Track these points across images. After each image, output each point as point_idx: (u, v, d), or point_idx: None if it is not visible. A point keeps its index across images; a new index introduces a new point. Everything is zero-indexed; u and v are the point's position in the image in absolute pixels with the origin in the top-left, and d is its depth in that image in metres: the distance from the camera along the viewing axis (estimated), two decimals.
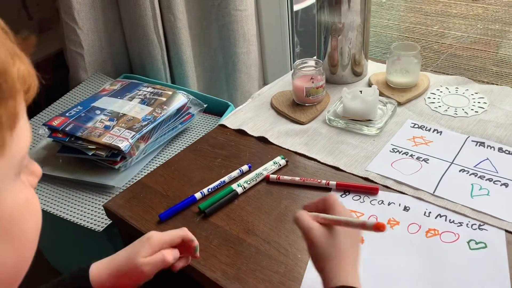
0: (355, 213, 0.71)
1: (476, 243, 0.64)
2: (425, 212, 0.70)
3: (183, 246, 0.59)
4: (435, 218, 0.69)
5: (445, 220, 0.68)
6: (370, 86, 0.98)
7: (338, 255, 0.50)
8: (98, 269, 0.56)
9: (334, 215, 0.53)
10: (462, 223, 0.67)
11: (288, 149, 0.87)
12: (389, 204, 0.72)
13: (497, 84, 0.99)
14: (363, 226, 0.50)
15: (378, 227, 0.48)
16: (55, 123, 1.00)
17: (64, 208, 0.94)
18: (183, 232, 0.59)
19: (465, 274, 0.60)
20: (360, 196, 0.74)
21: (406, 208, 0.71)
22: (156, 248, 0.56)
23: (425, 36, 2.80)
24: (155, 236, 0.57)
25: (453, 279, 0.59)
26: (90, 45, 1.28)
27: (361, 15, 0.98)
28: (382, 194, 0.74)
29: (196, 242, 0.60)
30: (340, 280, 0.48)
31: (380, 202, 0.73)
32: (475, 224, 0.67)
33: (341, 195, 0.75)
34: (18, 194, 0.31)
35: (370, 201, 0.73)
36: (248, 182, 0.78)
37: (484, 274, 0.60)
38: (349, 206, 0.72)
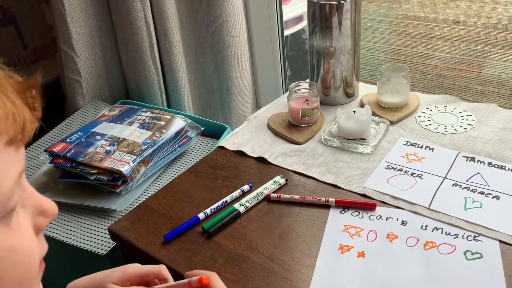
0: (355, 228, 0.74)
1: (472, 254, 0.67)
2: (422, 226, 0.72)
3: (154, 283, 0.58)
4: (432, 231, 0.71)
5: (442, 233, 0.71)
6: (363, 107, 1.02)
7: None
8: (76, 285, 0.55)
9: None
10: (458, 235, 0.70)
11: (286, 169, 0.90)
12: (387, 219, 0.75)
13: (482, 102, 1.04)
14: (189, 284, 0.52)
15: (203, 280, 0.52)
16: (57, 149, 1.02)
17: (66, 233, 0.94)
18: (159, 269, 0.57)
19: (463, 284, 0.62)
20: (359, 212, 0.77)
21: (403, 223, 0.73)
22: (128, 276, 0.55)
23: (411, 58, 2.89)
24: (131, 266, 0.56)
25: None
26: (88, 72, 1.31)
27: (351, 39, 1.03)
28: (380, 210, 0.76)
29: (171, 281, 0.58)
30: None
31: (378, 217, 0.75)
32: (470, 235, 0.70)
33: (340, 212, 0.77)
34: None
35: (369, 217, 0.75)
36: (250, 201, 0.80)
37: (481, 283, 0.62)
38: (349, 222, 0.75)
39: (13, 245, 0.30)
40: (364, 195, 0.80)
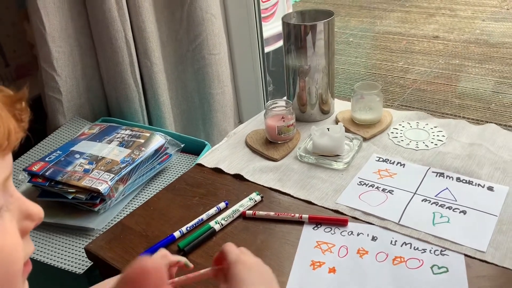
0: (327, 244, 0.75)
1: (439, 268, 0.69)
2: (391, 241, 0.74)
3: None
4: (401, 246, 0.73)
5: (410, 248, 0.73)
6: (337, 124, 1.05)
7: None
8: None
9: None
10: (426, 249, 0.72)
11: (262, 185, 0.91)
12: (358, 234, 0.77)
13: (460, 116, 1.07)
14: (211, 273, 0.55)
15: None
16: (35, 168, 1.02)
17: (44, 253, 0.95)
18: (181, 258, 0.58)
19: None
20: (331, 228, 0.79)
21: (374, 238, 0.76)
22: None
23: (391, 72, 2.95)
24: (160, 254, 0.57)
25: None
26: (68, 91, 1.32)
27: (325, 58, 1.06)
28: (351, 225, 0.78)
29: (183, 259, 0.60)
30: None
31: (349, 233, 0.77)
32: (437, 250, 0.72)
33: (313, 228, 0.79)
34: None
35: (341, 233, 0.77)
36: (225, 219, 0.81)
37: None
38: (321, 238, 0.77)
39: None
40: (336, 211, 0.82)
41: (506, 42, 3.25)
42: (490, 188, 0.83)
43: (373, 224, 0.78)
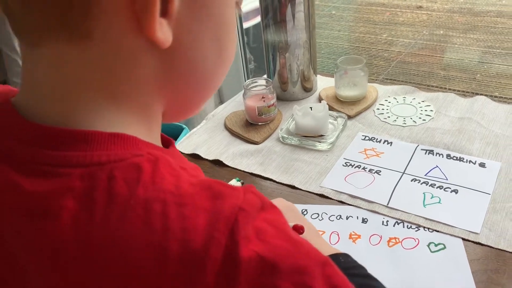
0: None
1: (436, 245, 0.65)
2: (383, 222, 0.70)
3: None
4: (393, 226, 0.69)
5: (403, 227, 0.69)
6: (320, 102, 0.99)
7: None
8: None
9: None
10: (420, 227, 0.68)
11: (243, 171, 0.86)
12: (347, 218, 0.72)
13: (446, 88, 1.03)
14: None
15: (296, 228, 0.52)
16: None
17: None
18: None
19: (431, 277, 0.61)
20: (318, 213, 0.74)
21: (364, 220, 0.71)
22: None
23: (375, 45, 2.89)
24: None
25: (420, 284, 0.60)
26: None
27: (306, 32, 0.99)
28: (338, 208, 0.74)
29: None
30: None
31: (338, 217, 0.73)
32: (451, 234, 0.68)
33: None
34: (234, 13, 0.34)
35: (329, 217, 0.73)
36: None
37: (448, 273, 0.61)
38: None
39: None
40: (321, 195, 0.77)
41: (490, 11, 3.21)
42: (482, 165, 0.79)
43: (361, 208, 0.74)
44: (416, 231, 0.68)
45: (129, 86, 0.31)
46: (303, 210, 0.75)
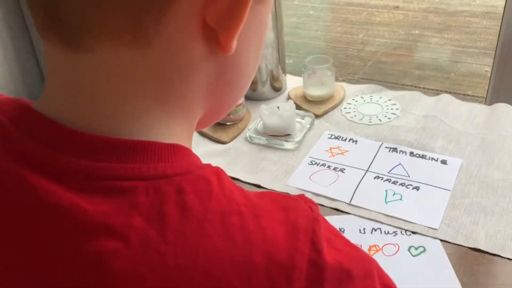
0: None
1: (416, 249, 0.66)
2: (360, 230, 0.69)
3: None
4: (371, 233, 0.69)
5: (381, 233, 0.68)
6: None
7: None
8: None
9: None
10: (397, 231, 0.68)
11: None
12: None
13: (420, 87, 1.04)
14: None
15: None
16: None
17: None
18: None
19: (417, 282, 0.61)
20: None
21: (341, 230, 0.70)
22: None
23: (351, 45, 2.92)
24: None
25: None
26: (1, 76, 1.22)
27: (273, 32, 1.00)
28: None
29: None
30: None
31: None
32: (409, 230, 0.68)
33: None
34: (268, 19, 0.34)
35: None
36: None
37: (432, 276, 0.61)
38: None
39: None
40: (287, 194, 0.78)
41: (464, 11, 3.27)
42: (444, 162, 0.81)
43: (324, 206, 0.74)
44: (394, 236, 0.68)
45: (183, 95, 0.30)
46: None
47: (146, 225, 0.25)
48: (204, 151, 0.91)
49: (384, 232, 0.69)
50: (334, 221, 0.71)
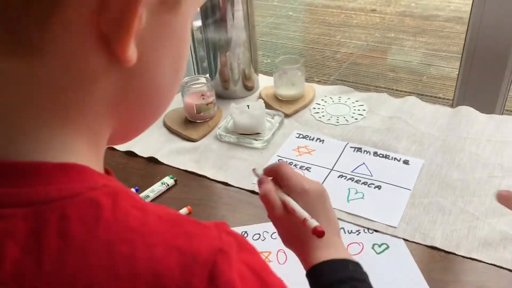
0: (262, 254, 0.68)
1: (379, 246, 0.67)
2: None
3: None
4: None
5: (345, 232, 0.69)
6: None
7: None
8: None
9: (288, 198, 0.51)
10: (360, 230, 0.70)
11: (178, 168, 0.86)
12: None
13: (393, 89, 1.06)
14: (304, 223, 0.49)
15: (316, 232, 0.47)
16: None
17: None
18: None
19: (382, 279, 0.62)
20: (259, 234, 0.71)
21: None
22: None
23: (329, 46, 2.95)
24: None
25: None
26: None
27: (245, 31, 1.01)
28: None
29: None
30: (320, 256, 0.47)
31: None
32: (371, 227, 0.70)
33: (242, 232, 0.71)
34: (188, 32, 0.32)
35: (271, 236, 0.70)
36: None
37: (397, 272, 0.63)
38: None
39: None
40: (253, 192, 0.79)
41: (438, 15, 3.34)
42: (406, 162, 0.83)
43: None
44: (357, 235, 0.69)
45: (82, 109, 0.28)
46: (243, 232, 0.72)
47: (21, 255, 0.24)
48: (174, 148, 0.91)
49: (348, 231, 0.70)
50: None
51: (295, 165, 0.84)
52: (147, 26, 0.27)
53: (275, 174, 0.54)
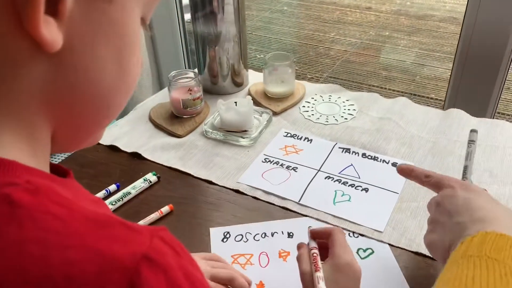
0: (244, 257, 0.66)
1: (364, 251, 0.65)
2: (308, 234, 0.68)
3: None
4: None
5: None
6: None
7: None
8: None
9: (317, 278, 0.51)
10: (345, 234, 0.68)
11: (162, 164, 0.84)
12: (272, 234, 0.68)
13: (385, 88, 1.05)
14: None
15: None
16: None
17: None
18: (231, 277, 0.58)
19: (368, 285, 0.59)
20: (241, 235, 0.69)
21: (290, 235, 0.68)
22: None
23: (322, 43, 2.93)
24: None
25: None
26: None
27: (235, 26, 0.98)
28: (262, 226, 0.70)
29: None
30: None
31: (263, 235, 0.68)
32: (356, 231, 0.68)
33: (222, 240, 0.68)
34: (138, 28, 0.31)
35: (254, 237, 0.68)
36: (113, 203, 0.74)
37: (382, 277, 0.61)
38: (235, 250, 0.66)
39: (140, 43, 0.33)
40: (237, 191, 0.77)
41: (433, 15, 3.33)
42: (395, 165, 0.81)
43: (274, 205, 0.74)
44: None
45: (9, 98, 0.27)
46: (225, 233, 0.69)
47: None
48: (158, 144, 0.89)
49: None
50: (282, 225, 0.70)
51: (282, 165, 0.82)
52: (76, 9, 0.26)
53: (328, 237, 0.55)
